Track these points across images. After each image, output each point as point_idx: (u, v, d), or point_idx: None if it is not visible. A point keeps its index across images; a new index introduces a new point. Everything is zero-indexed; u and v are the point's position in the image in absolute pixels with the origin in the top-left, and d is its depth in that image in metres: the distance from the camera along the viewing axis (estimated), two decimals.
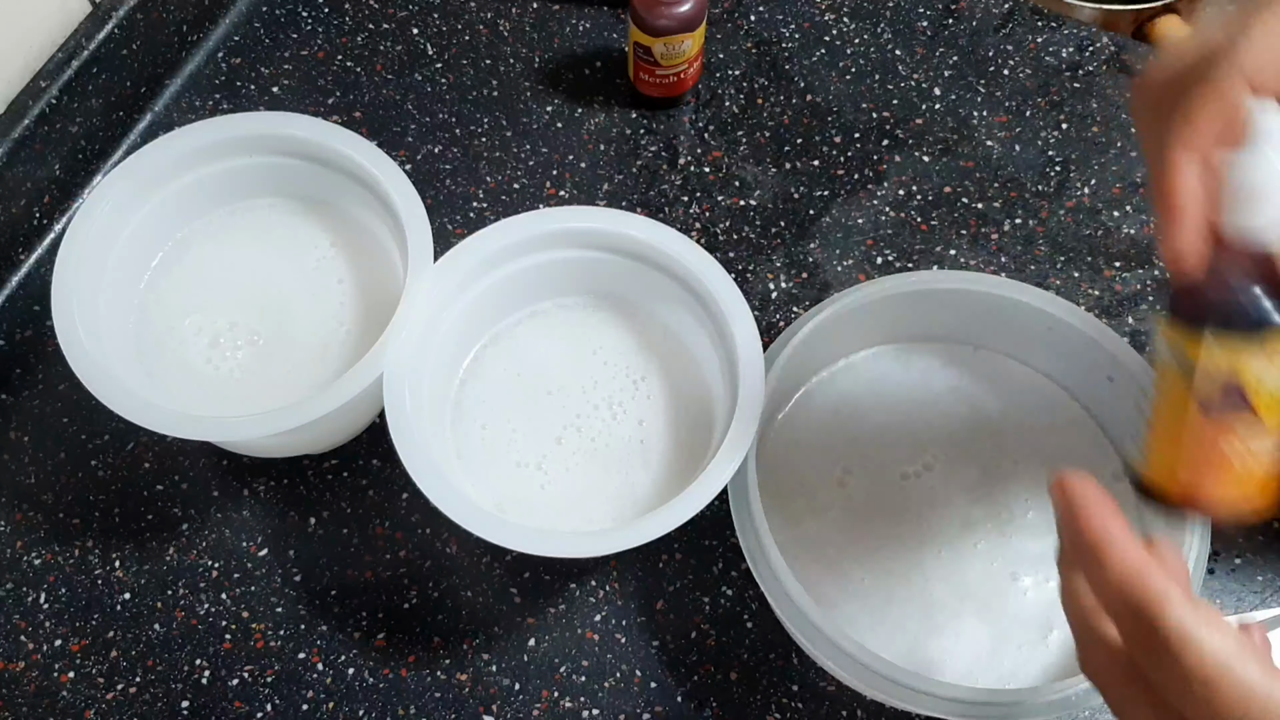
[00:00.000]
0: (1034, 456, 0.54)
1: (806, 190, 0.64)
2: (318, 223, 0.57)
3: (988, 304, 0.53)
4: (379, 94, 0.67)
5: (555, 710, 0.51)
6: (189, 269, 0.56)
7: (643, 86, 0.65)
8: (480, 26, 0.69)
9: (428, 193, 0.63)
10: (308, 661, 0.52)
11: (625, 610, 0.53)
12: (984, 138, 0.65)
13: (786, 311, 0.60)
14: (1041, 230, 0.62)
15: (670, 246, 0.51)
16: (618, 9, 0.69)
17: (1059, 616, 0.50)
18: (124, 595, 0.53)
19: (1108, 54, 0.68)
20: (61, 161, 0.61)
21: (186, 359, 0.54)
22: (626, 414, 0.54)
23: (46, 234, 0.62)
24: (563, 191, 0.64)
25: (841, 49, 0.68)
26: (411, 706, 0.51)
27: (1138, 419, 0.52)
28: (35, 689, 0.51)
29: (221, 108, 0.66)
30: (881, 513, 0.53)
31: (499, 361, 0.55)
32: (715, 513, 0.54)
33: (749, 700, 0.51)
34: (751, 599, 0.53)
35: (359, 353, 0.53)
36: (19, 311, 0.60)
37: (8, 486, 0.56)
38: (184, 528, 0.55)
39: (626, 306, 0.56)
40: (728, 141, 0.65)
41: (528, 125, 0.66)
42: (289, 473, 0.56)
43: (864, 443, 0.54)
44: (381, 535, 0.55)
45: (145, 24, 0.64)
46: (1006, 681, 0.49)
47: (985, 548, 0.52)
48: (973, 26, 0.69)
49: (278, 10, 0.70)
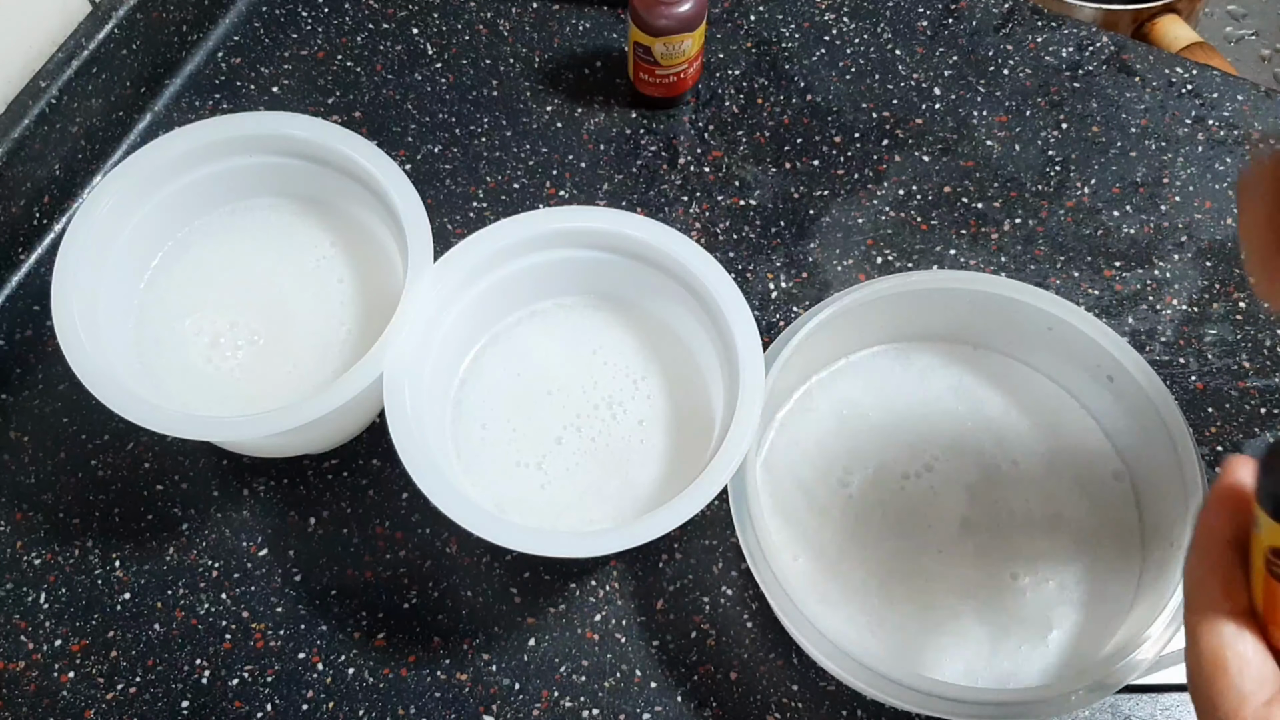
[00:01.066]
0: (1034, 456, 0.54)
1: (806, 190, 0.64)
2: (318, 223, 0.57)
3: (988, 304, 0.53)
4: (379, 94, 0.67)
5: (555, 710, 0.51)
6: (189, 269, 0.56)
7: (643, 86, 0.65)
8: (480, 26, 0.69)
9: (428, 193, 0.63)
10: (308, 661, 0.52)
11: (625, 610, 0.53)
12: (984, 137, 0.65)
13: (786, 311, 0.60)
14: (1041, 230, 0.62)
15: (670, 246, 0.51)
16: (618, 9, 0.69)
17: (1059, 616, 0.51)
18: (124, 595, 0.53)
19: (1108, 54, 0.68)
20: (61, 161, 0.61)
21: (186, 359, 0.54)
22: (626, 414, 0.54)
23: (46, 234, 0.62)
24: (563, 191, 0.64)
25: (841, 49, 0.68)
26: (411, 706, 0.51)
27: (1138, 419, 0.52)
28: (35, 689, 0.51)
29: (221, 108, 0.66)
30: (881, 513, 0.53)
31: (499, 361, 0.55)
32: (715, 513, 0.55)
33: (749, 700, 0.51)
34: (751, 599, 0.53)
35: (359, 353, 0.53)
36: (19, 311, 0.60)
37: (8, 486, 0.56)
38: (184, 528, 0.55)
39: (626, 306, 0.56)
40: (728, 141, 0.65)
41: (528, 125, 0.66)
42: (289, 473, 0.56)
43: (864, 442, 0.54)
44: (381, 535, 0.55)
45: (145, 24, 0.64)
46: (1006, 681, 0.49)
47: (985, 548, 0.52)
48: (973, 26, 0.69)
49: (278, 10, 0.70)
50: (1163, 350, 0.59)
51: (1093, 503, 0.53)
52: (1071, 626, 0.50)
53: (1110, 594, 0.51)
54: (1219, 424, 0.57)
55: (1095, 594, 0.51)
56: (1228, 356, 0.59)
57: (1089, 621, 0.50)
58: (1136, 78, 0.67)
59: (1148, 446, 0.51)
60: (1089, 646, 0.50)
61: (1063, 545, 0.52)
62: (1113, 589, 0.51)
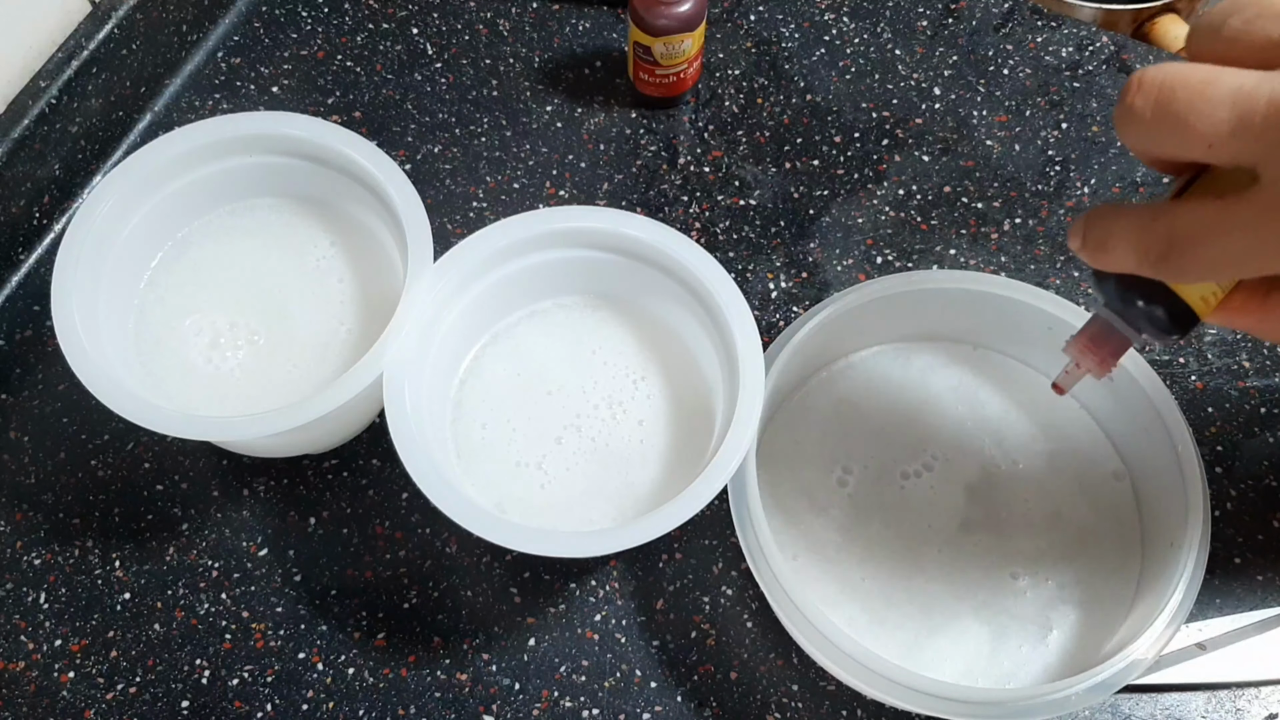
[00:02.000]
0: (1034, 456, 0.54)
1: (806, 190, 0.64)
2: (318, 223, 0.57)
3: (988, 304, 0.53)
4: (379, 94, 0.67)
5: (555, 710, 0.51)
6: (189, 269, 0.56)
7: (643, 86, 0.65)
8: (480, 26, 0.69)
9: (428, 193, 0.63)
10: (308, 661, 0.52)
11: (625, 610, 0.53)
12: (984, 137, 0.65)
13: (786, 311, 0.60)
14: (1041, 230, 0.62)
15: (670, 246, 0.51)
16: (618, 9, 0.69)
17: (1059, 616, 0.51)
18: (124, 595, 0.53)
19: (1108, 54, 0.68)
20: (61, 161, 0.61)
21: (186, 359, 0.54)
22: (626, 414, 0.54)
23: (46, 234, 0.62)
24: (563, 191, 0.64)
25: (841, 49, 0.68)
26: (411, 706, 0.51)
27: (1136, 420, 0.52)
28: (35, 689, 0.51)
29: (221, 108, 0.66)
30: (881, 512, 0.53)
31: (499, 361, 0.55)
32: (715, 513, 0.55)
33: (749, 700, 0.51)
34: (751, 599, 0.53)
35: (359, 353, 0.53)
36: (19, 311, 0.60)
37: (8, 486, 0.56)
38: (184, 528, 0.55)
39: (626, 306, 0.56)
40: (728, 141, 0.65)
41: (528, 125, 0.66)
42: (289, 473, 0.56)
43: (864, 442, 0.54)
44: (381, 535, 0.55)
45: (145, 24, 0.64)
46: (1006, 681, 0.49)
47: (985, 547, 0.52)
48: (973, 26, 0.69)
49: (278, 10, 0.70)
50: (1162, 350, 0.59)
51: (1093, 503, 0.53)
52: (1071, 626, 0.50)
53: (1110, 594, 0.51)
54: (1219, 424, 0.57)
55: (1095, 594, 0.51)
56: (1228, 356, 0.59)
57: (1089, 621, 0.50)
58: None
59: (1148, 446, 0.51)
60: (1089, 646, 0.50)
61: (1063, 545, 0.52)
62: (1112, 589, 0.51)
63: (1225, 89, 0.31)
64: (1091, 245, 0.36)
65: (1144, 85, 0.33)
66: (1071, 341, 0.41)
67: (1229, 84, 0.32)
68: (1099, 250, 0.36)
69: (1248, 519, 0.55)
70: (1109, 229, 0.35)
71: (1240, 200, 0.32)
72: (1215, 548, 0.53)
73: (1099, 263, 0.36)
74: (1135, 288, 0.37)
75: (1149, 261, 0.34)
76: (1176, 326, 0.37)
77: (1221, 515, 0.55)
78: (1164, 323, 0.37)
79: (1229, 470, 0.56)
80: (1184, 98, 0.32)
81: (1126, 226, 0.35)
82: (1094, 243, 0.36)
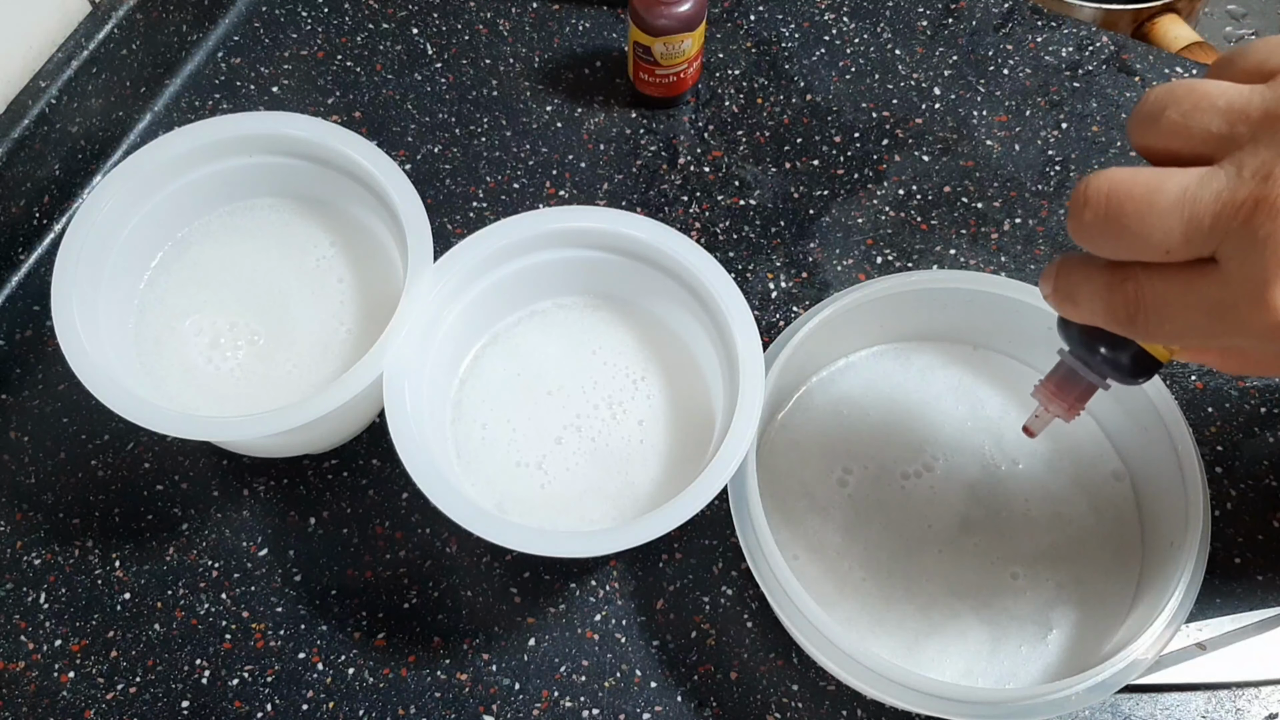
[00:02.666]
0: (1034, 456, 0.54)
1: (806, 190, 0.64)
2: (318, 223, 0.57)
3: (988, 304, 0.53)
4: (379, 94, 0.67)
5: (555, 710, 0.51)
6: (189, 269, 0.56)
7: (643, 86, 0.65)
8: (480, 26, 0.69)
9: (428, 193, 0.63)
10: (308, 661, 0.52)
11: (625, 610, 0.53)
12: (984, 137, 0.65)
13: (786, 311, 0.60)
14: (1041, 230, 0.62)
15: (670, 246, 0.52)
16: (618, 9, 0.69)
17: (1059, 616, 0.51)
18: (124, 595, 0.53)
19: (1108, 53, 0.68)
20: (61, 161, 0.61)
21: (186, 359, 0.54)
22: (626, 414, 0.54)
23: (46, 234, 0.62)
24: (563, 191, 0.64)
25: (841, 49, 0.68)
26: (411, 706, 0.51)
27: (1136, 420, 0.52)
28: (35, 689, 0.51)
29: (221, 108, 0.66)
30: (881, 513, 0.53)
31: (499, 361, 0.55)
32: (715, 513, 0.55)
33: (749, 700, 0.51)
34: (751, 599, 0.53)
35: (359, 353, 0.53)
36: (19, 311, 0.60)
37: (8, 486, 0.56)
38: (184, 528, 0.55)
39: (626, 306, 0.56)
40: (727, 141, 0.65)
41: (528, 125, 0.66)
42: (289, 473, 0.56)
43: (864, 442, 0.54)
44: (381, 535, 0.55)
45: (145, 24, 0.64)
46: (1006, 681, 0.49)
47: (985, 548, 0.52)
48: (972, 26, 0.69)
49: (278, 10, 0.70)
50: None
51: (1093, 503, 0.53)
52: (1071, 626, 0.50)
53: (1110, 594, 0.51)
54: (1219, 424, 0.57)
55: (1095, 594, 0.51)
56: None
57: (1089, 621, 0.50)
58: (1136, 77, 0.67)
59: (1148, 446, 0.51)
60: (1089, 646, 0.50)
61: (1062, 545, 0.52)
62: (1112, 589, 0.51)
63: (1170, 197, 0.31)
64: (1060, 296, 0.37)
65: (1090, 200, 0.33)
66: (1039, 387, 0.43)
67: (1173, 190, 0.32)
68: (1067, 302, 0.36)
69: (1248, 519, 0.55)
70: (1078, 284, 0.35)
71: (1204, 279, 0.32)
72: (1215, 548, 0.53)
73: (1067, 314, 0.37)
74: (1100, 338, 0.38)
75: (1116, 321, 0.35)
76: (1140, 373, 0.38)
77: (1221, 515, 0.55)
78: (1128, 370, 0.38)
79: (1229, 470, 0.56)
80: (1132, 210, 0.32)
81: (1096, 285, 0.35)
82: (1062, 294, 0.36)
